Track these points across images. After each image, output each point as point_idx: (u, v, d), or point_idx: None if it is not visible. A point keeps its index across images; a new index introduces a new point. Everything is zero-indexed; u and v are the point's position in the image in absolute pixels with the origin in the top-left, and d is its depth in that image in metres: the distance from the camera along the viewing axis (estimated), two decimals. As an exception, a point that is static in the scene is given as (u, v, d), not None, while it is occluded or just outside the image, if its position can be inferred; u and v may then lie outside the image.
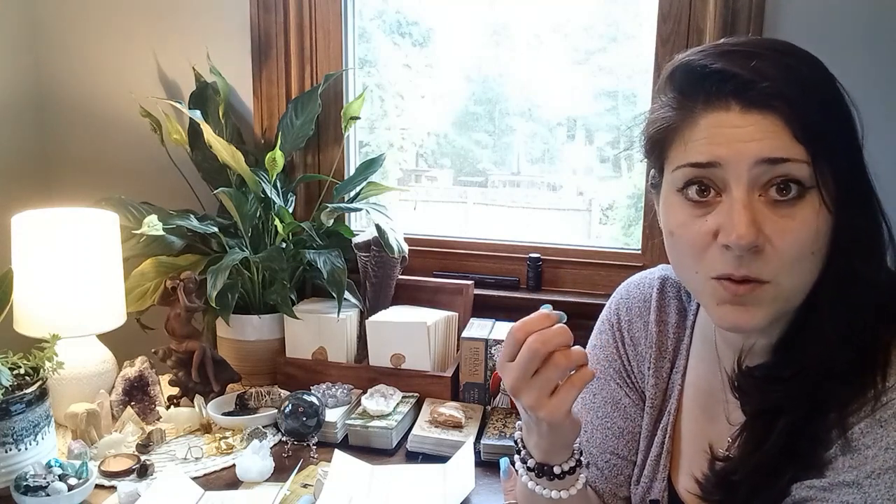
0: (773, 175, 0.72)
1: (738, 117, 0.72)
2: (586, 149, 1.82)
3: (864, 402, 0.73)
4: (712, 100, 0.74)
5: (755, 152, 0.71)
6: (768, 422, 0.78)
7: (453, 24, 1.84)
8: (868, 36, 1.44)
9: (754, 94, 0.72)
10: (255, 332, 1.66)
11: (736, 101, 0.73)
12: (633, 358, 0.99)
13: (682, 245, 0.78)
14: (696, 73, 0.75)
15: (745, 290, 0.74)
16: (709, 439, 0.87)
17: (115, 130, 1.89)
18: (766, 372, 0.80)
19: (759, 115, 0.72)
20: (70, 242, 1.45)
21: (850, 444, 0.73)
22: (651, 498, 0.94)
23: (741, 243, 0.71)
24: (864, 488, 0.71)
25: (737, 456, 0.81)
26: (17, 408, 1.22)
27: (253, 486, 1.28)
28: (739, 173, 0.72)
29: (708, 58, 0.75)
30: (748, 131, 0.72)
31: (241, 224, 1.61)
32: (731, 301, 0.75)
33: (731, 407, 0.85)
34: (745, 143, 0.72)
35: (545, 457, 0.84)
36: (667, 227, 0.81)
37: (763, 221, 0.72)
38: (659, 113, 0.79)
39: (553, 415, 0.77)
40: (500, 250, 1.79)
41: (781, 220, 0.72)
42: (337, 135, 1.79)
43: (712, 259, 0.75)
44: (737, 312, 0.75)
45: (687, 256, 0.78)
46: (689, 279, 0.81)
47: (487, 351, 1.53)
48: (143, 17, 1.84)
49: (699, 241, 0.76)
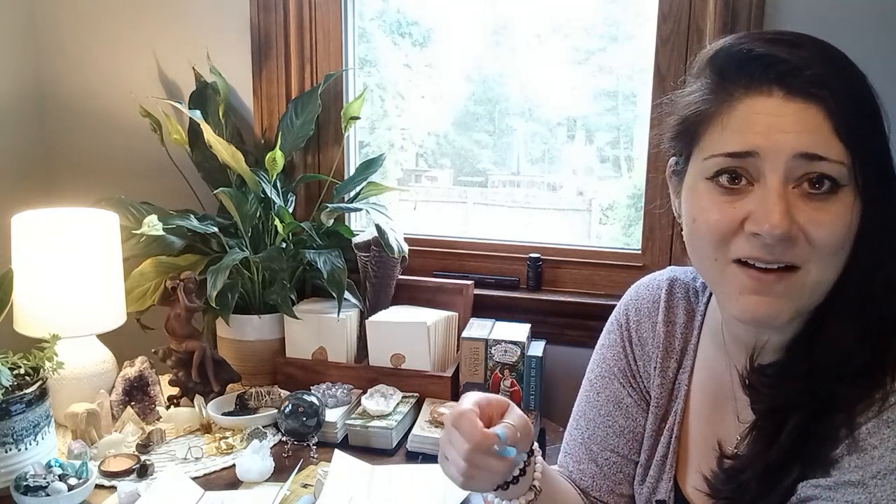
0: (808, 170, 0.71)
1: (780, 104, 0.71)
2: (586, 149, 1.82)
3: (872, 401, 0.73)
4: (754, 84, 0.73)
5: (794, 145, 0.70)
6: (778, 420, 0.78)
7: (453, 24, 1.84)
8: (869, 36, 1.44)
9: (799, 81, 0.71)
10: (255, 332, 1.66)
11: (779, 88, 0.71)
12: (640, 358, 0.99)
13: (705, 230, 0.76)
14: (741, 56, 0.74)
15: (771, 278, 0.73)
16: (717, 437, 0.87)
17: (116, 130, 1.89)
18: (779, 370, 0.80)
19: (801, 104, 0.71)
20: (70, 242, 1.45)
21: (856, 444, 0.73)
22: (657, 498, 0.94)
23: (775, 233, 0.70)
24: (869, 488, 0.71)
25: (746, 454, 0.81)
26: (17, 408, 1.22)
27: (253, 486, 1.28)
28: (776, 164, 0.71)
29: (752, 42, 0.74)
30: (788, 121, 0.71)
31: (241, 224, 1.61)
32: (755, 290, 0.74)
33: (741, 405, 0.85)
34: (785, 134, 0.70)
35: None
36: (690, 215, 0.79)
37: (797, 212, 0.71)
38: (695, 96, 0.78)
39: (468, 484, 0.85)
40: (500, 250, 1.79)
41: (816, 213, 0.71)
42: (337, 135, 1.79)
43: (737, 245, 0.74)
44: (760, 303, 0.74)
45: (707, 243, 0.76)
46: (707, 269, 0.79)
47: (487, 351, 1.53)
48: (143, 17, 1.84)
49: (725, 227, 0.74)
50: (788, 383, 0.78)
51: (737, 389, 0.85)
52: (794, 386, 0.77)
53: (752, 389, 0.81)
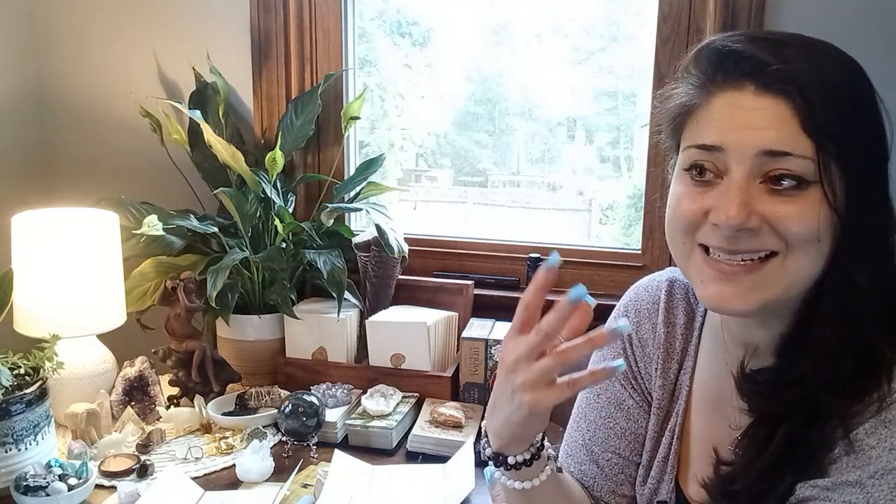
0: (774, 167, 0.72)
1: (751, 99, 0.73)
2: (586, 149, 1.82)
3: (868, 403, 0.73)
4: (729, 78, 0.74)
5: (759, 142, 0.71)
6: (770, 427, 0.78)
7: (453, 24, 1.84)
8: (870, 36, 1.44)
9: (767, 75, 0.72)
10: (255, 332, 1.66)
11: (750, 81, 0.73)
12: (641, 359, 0.99)
13: (677, 217, 0.79)
14: (718, 51, 0.76)
15: (734, 269, 0.75)
16: (716, 440, 0.87)
17: (115, 130, 1.89)
18: (768, 377, 0.80)
19: (771, 99, 0.72)
20: (70, 242, 1.45)
21: (853, 445, 0.73)
22: (659, 499, 0.94)
23: (731, 223, 0.72)
24: (867, 488, 0.71)
25: (738, 461, 0.81)
26: (17, 408, 1.22)
27: (253, 486, 1.28)
28: (741, 159, 0.73)
29: (734, 39, 0.76)
30: (757, 117, 0.72)
31: (241, 224, 1.61)
32: (717, 279, 0.76)
33: (738, 409, 0.85)
34: (752, 131, 0.72)
35: (502, 446, 0.80)
36: (669, 203, 0.82)
37: (759, 204, 0.73)
38: (680, 90, 0.80)
39: (538, 404, 0.72)
40: (500, 250, 1.79)
41: (779, 205, 0.72)
42: (337, 135, 1.79)
43: (702, 233, 0.77)
44: (723, 290, 0.76)
45: (677, 231, 0.80)
46: (678, 253, 0.82)
47: (487, 351, 1.53)
48: (143, 17, 1.84)
49: (692, 216, 0.77)
50: (779, 392, 0.78)
51: (734, 392, 0.85)
52: (785, 394, 0.77)
53: (745, 395, 0.81)
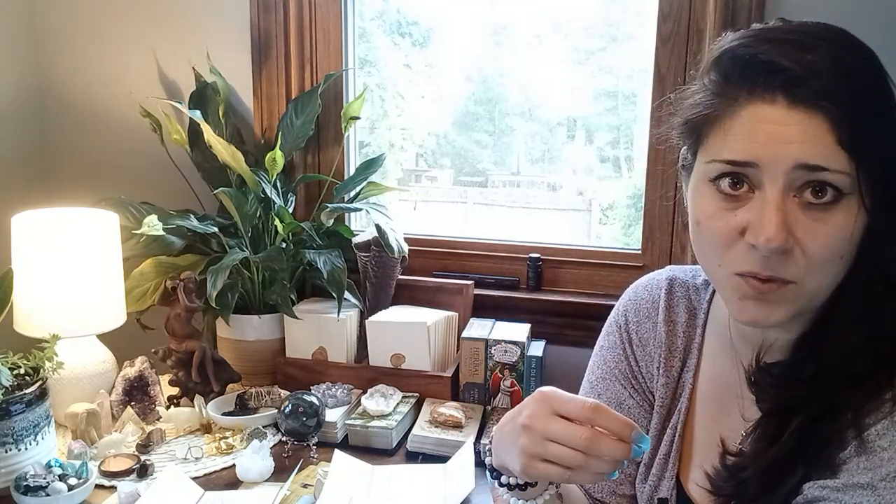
0: (809, 179, 0.70)
1: (783, 114, 0.70)
2: (586, 149, 1.82)
3: (881, 403, 0.73)
4: (758, 90, 0.71)
5: (795, 156, 0.69)
6: (782, 420, 0.78)
7: (453, 24, 1.84)
8: (871, 36, 1.44)
9: (803, 91, 0.69)
10: (255, 332, 1.66)
11: (783, 96, 0.70)
12: (642, 359, 0.99)
13: (708, 237, 0.77)
14: (745, 60, 0.73)
15: (768, 288, 0.73)
16: (722, 435, 0.87)
17: (115, 131, 1.89)
18: (784, 370, 0.80)
19: (804, 114, 0.69)
20: (70, 242, 1.45)
21: (865, 446, 0.72)
22: (659, 496, 0.94)
23: (770, 246, 0.70)
24: (878, 490, 0.70)
25: (749, 452, 0.81)
26: (17, 408, 1.22)
27: (253, 486, 1.28)
28: (776, 175, 0.70)
29: (758, 44, 0.72)
30: (791, 131, 0.69)
31: (241, 224, 1.61)
32: (754, 297, 0.74)
33: (747, 403, 0.85)
34: (787, 145, 0.69)
35: (502, 467, 0.83)
36: (693, 216, 0.79)
37: (794, 224, 0.71)
38: (700, 97, 0.77)
39: (535, 471, 0.76)
40: (500, 250, 1.79)
41: (814, 224, 0.71)
42: (337, 135, 1.79)
43: (737, 255, 0.74)
44: (758, 308, 0.75)
45: (711, 249, 0.77)
46: (711, 271, 0.80)
47: (487, 351, 1.53)
48: (143, 17, 1.84)
49: (725, 236, 0.74)
50: (793, 385, 0.78)
51: (743, 387, 0.84)
52: (798, 388, 0.77)
53: (757, 388, 0.81)
